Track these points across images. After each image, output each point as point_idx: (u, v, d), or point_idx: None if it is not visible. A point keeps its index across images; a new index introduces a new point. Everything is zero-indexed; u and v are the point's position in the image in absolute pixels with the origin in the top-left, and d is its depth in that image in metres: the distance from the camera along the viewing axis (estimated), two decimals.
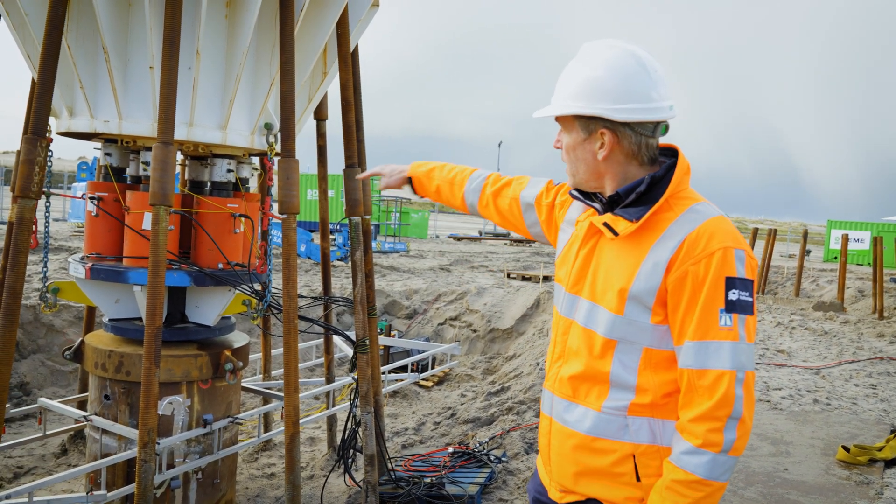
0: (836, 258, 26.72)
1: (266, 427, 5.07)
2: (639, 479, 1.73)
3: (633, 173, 1.74)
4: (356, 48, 4.10)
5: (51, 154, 3.19)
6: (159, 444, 3.23)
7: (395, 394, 7.20)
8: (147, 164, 3.41)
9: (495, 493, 4.34)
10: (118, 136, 3.44)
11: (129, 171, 3.72)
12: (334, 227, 10.35)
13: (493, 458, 4.71)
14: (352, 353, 4.04)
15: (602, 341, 1.77)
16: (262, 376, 5.20)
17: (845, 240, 15.56)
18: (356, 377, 3.98)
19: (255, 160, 4.07)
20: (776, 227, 56.18)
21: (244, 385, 4.41)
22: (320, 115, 4.55)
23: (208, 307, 3.71)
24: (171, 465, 3.45)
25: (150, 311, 2.96)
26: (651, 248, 1.69)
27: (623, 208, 1.75)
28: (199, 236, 3.60)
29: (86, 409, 3.87)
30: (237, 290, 3.62)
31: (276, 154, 3.57)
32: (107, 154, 3.70)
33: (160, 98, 2.96)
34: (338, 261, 14.30)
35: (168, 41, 2.94)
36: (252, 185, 4.19)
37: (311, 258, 14.62)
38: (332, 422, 5.11)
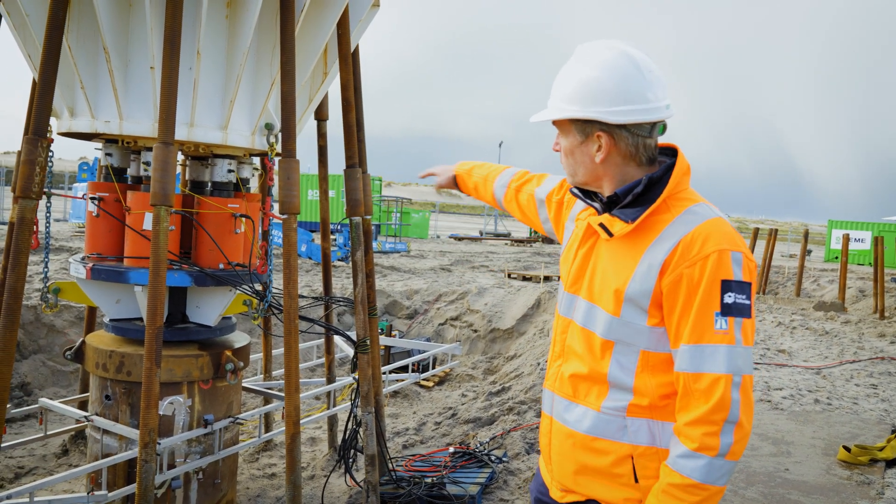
0: (836, 258, 26.69)
1: (267, 427, 5.07)
2: (637, 480, 1.72)
3: (632, 174, 1.74)
4: (357, 48, 4.10)
5: (52, 154, 3.19)
6: (160, 444, 3.24)
7: (395, 394, 7.19)
8: (148, 164, 3.41)
9: (496, 493, 4.34)
10: (119, 137, 3.44)
11: (130, 172, 3.72)
12: (335, 227, 10.35)
13: (493, 458, 4.71)
14: (352, 353, 4.04)
15: (600, 342, 1.76)
16: (262, 376, 5.20)
17: (846, 240, 15.55)
18: (357, 377, 3.99)
19: (255, 160, 4.07)
20: (777, 227, 56.12)
21: (245, 385, 4.41)
22: (321, 115, 4.55)
23: (209, 307, 3.71)
24: (171, 466, 3.45)
25: (151, 312, 2.97)
26: (646, 250, 1.68)
27: (620, 209, 1.74)
28: (200, 236, 3.60)
29: (87, 410, 3.87)
30: (238, 291, 3.62)
31: (277, 154, 3.58)
32: (107, 154, 3.70)
33: (161, 98, 2.96)
34: (338, 261, 14.30)
35: (169, 41, 2.94)
36: (253, 185, 4.19)
37: (311, 258, 14.62)
38: (332, 422, 5.11)
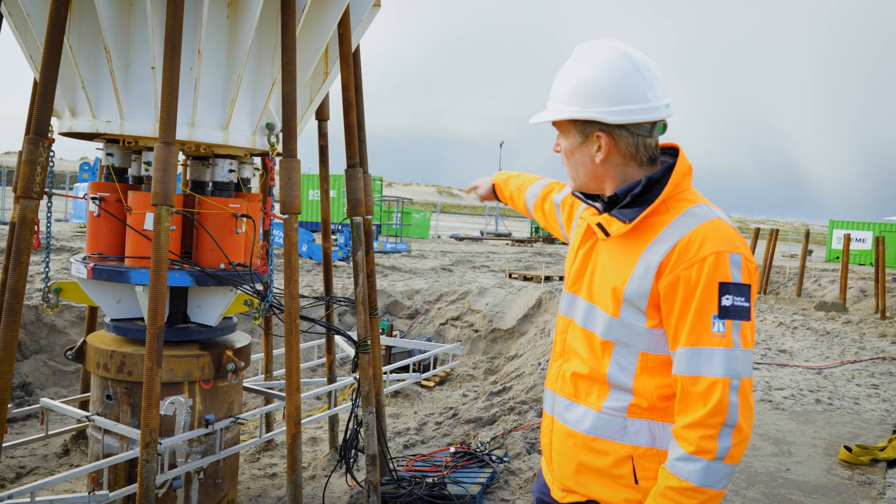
0: (838, 258, 26.68)
1: (268, 427, 5.08)
2: (637, 481, 1.72)
3: (633, 174, 1.73)
4: (358, 48, 4.10)
5: (53, 154, 3.19)
6: (161, 444, 3.24)
7: (396, 394, 7.19)
8: (149, 164, 3.41)
9: (497, 493, 4.33)
10: (120, 137, 3.44)
11: (131, 172, 3.72)
12: (336, 227, 10.34)
13: (494, 458, 4.71)
14: (353, 353, 4.04)
15: (600, 342, 1.76)
16: (263, 376, 5.20)
17: (847, 240, 15.55)
18: (358, 377, 3.99)
19: (256, 160, 4.07)
20: (778, 227, 56.10)
21: (246, 385, 4.41)
22: (322, 115, 4.55)
23: (210, 307, 3.71)
24: (172, 465, 3.45)
25: (152, 312, 2.97)
26: (644, 251, 1.68)
27: (619, 209, 1.73)
28: (201, 236, 3.60)
29: (88, 410, 3.87)
30: (239, 291, 3.62)
31: (278, 154, 3.58)
32: (108, 154, 3.70)
33: (162, 98, 2.96)
34: (339, 261, 14.30)
35: (170, 41, 2.94)
36: (254, 185, 4.19)
37: (312, 258, 14.63)
38: (333, 422, 5.11)
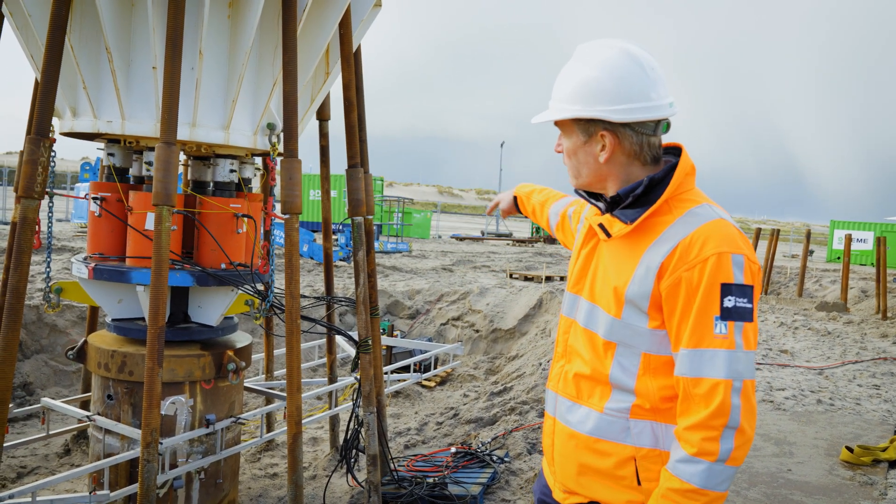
0: (839, 258, 26.65)
1: (269, 427, 5.08)
2: (639, 482, 1.71)
3: (636, 174, 1.72)
4: (359, 48, 4.10)
5: (54, 154, 3.19)
6: (162, 444, 3.24)
7: (397, 394, 7.19)
8: (150, 164, 3.42)
9: (498, 493, 4.33)
10: (121, 137, 3.44)
11: (132, 172, 3.72)
12: (337, 227, 10.34)
13: (495, 458, 4.70)
14: (354, 353, 4.04)
15: (602, 343, 1.75)
16: (264, 376, 5.20)
17: (848, 240, 15.53)
18: (359, 377, 3.98)
19: (257, 160, 4.07)
20: (779, 227, 56.06)
21: (247, 385, 4.41)
22: (323, 115, 4.55)
23: (211, 307, 3.71)
24: (173, 465, 3.45)
25: (153, 311, 2.97)
26: (645, 252, 1.67)
27: (621, 210, 1.72)
28: (202, 236, 3.60)
29: (89, 409, 3.87)
30: (240, 291, 3.62)
31: (279, 154, 3.58)
32: (110, 154, 3.70)
33: (163, 98, 2.96)
34: (340, 261, 14.30)
35: (171, 41, 2.94)
36: (255, 185, 4.19)
37: (313, 258, 14.62)
38: (334, 422, 5.11)
